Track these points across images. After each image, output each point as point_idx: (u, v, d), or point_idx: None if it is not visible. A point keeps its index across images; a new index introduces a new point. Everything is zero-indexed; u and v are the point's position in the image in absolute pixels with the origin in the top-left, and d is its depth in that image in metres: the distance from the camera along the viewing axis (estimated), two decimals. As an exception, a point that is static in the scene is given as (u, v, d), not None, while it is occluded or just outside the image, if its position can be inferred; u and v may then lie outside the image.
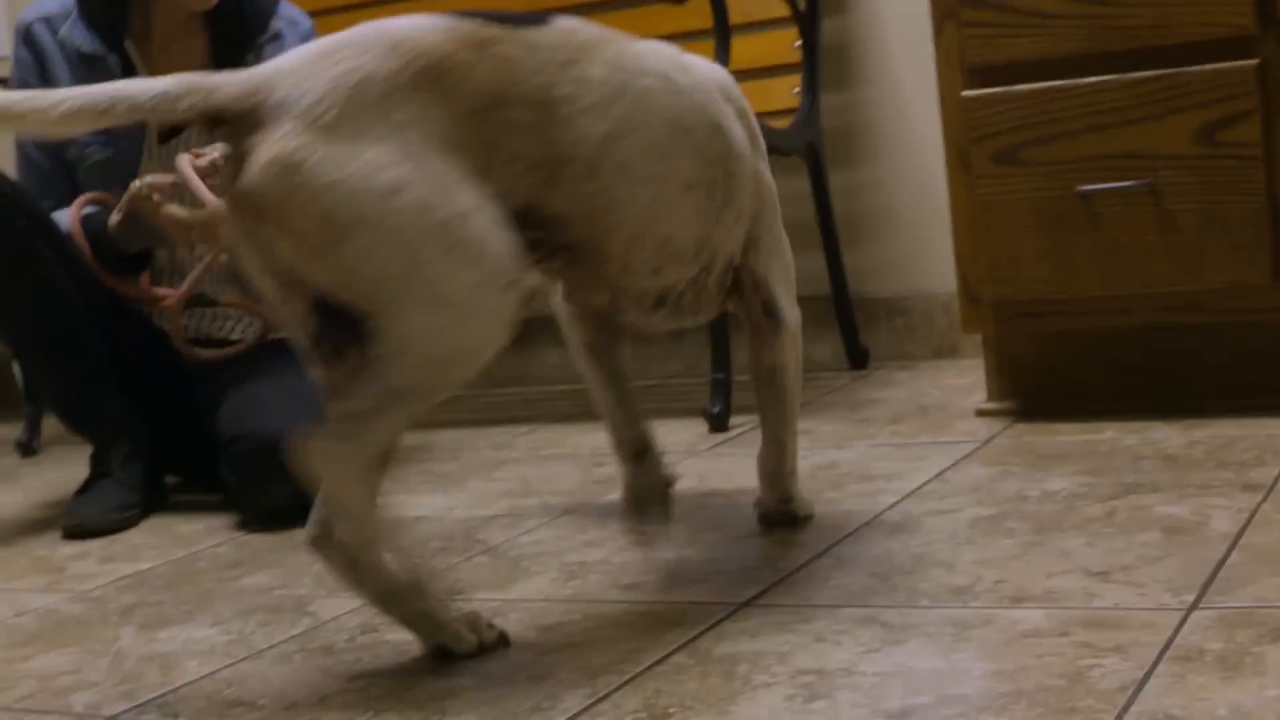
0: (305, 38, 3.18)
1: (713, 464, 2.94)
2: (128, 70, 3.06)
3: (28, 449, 4.09)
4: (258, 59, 3.12)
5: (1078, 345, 3.03)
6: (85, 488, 3.05)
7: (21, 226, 2.91)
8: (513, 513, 2.71)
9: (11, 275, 2.91)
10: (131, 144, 3.03)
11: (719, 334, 3.35)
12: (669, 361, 4.22)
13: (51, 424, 4.19)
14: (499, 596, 2.19)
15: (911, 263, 3.98)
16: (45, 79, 3.07)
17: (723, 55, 3.41)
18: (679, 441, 3.20)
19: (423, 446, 3.47)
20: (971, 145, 2.94)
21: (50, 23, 3.12)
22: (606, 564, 2.30)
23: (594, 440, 3.28)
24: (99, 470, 3.06)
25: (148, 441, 3.08)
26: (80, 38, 3.07)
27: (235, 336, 3.18)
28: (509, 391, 4.23)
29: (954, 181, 3.01)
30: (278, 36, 3.17)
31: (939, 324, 3.93)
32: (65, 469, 3.72)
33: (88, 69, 3.01)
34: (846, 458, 2.86)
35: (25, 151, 3.11)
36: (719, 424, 3.27)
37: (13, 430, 4.41)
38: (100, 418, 3.05)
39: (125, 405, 3.04)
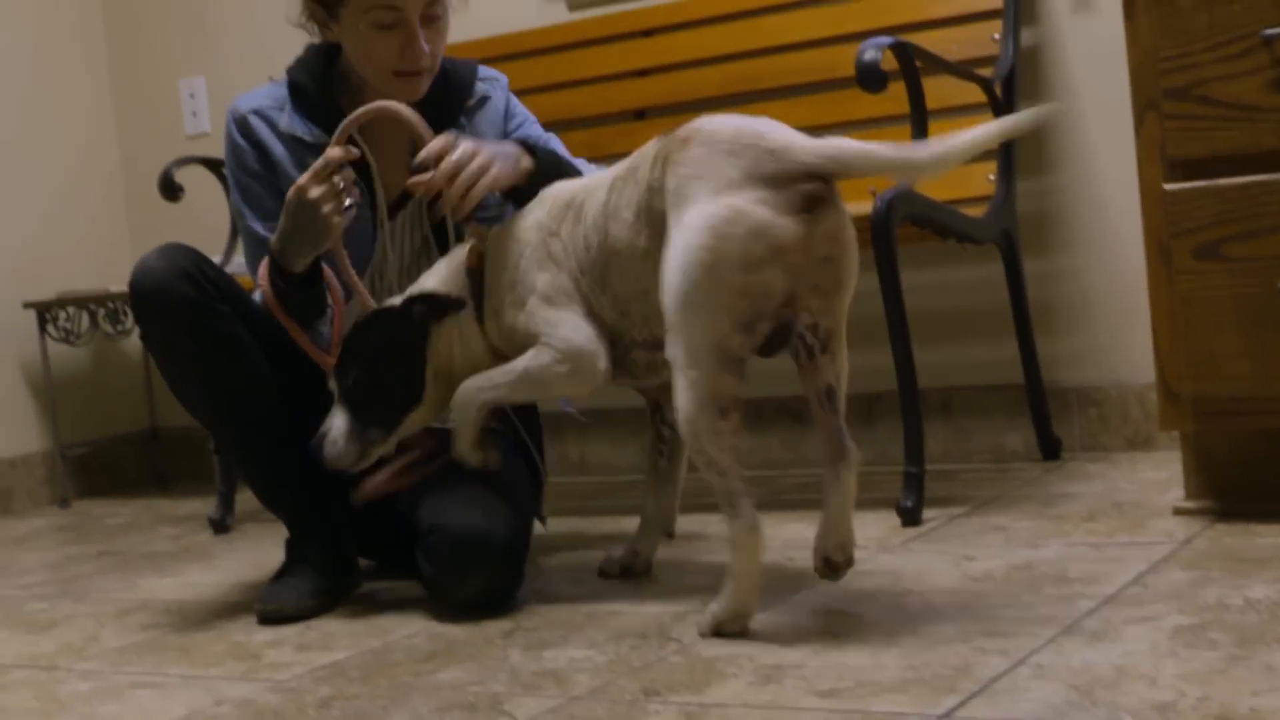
0: (504, 90, 3.28)
1: (906, 561, 2.91)
2: (364, 165, 3.12)
3: (221, 526, 4.16)
4: (470, 124, 3.17)
5: (1279, 444, 2.98)
6: (281, 572, 3.08)
7: (224, 313, 2.95)
8: (706, 608, 2.70)
9: (212, 360, 2.95)
10: (362, 216, 3.07)
11: (911, 424, 3.32)
12: (859, 448, 4.19)
13: (245, 500, 4.26)
14: (694, 700, 2.18)
15: (1106, 352, 3.93)
16: (268, 166, 3.12)
17: (919, 138, 3.38)
18: (870, 535, 3.17)
19: (615, 534, 3.47)
20: (1172, 239, 2.90)
21: (263, 114, 3.17)
22: (803, 667, 2.28)
23: (786, 532, 3.26)
24: (294, 555, 3.09)
25: (344, 526, 3.11)
26: (299, 128, 3.13)
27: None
28: (693, 477, 4.22)
29: (1154, 275, 2.97)
30: (485, 99, 3.23)
31: (1133, 415, 3.87)
32: (259, 548, 3.78)
33: (309, 155, 3.06)
34: (1042, 557, 2.82)
35: (247, 224, 3.15)
36: (912, 518, 3.24)
37: (206, 506, 4.48)
38: (297, 502, 3.09)
39: (322, 489, 3.07)
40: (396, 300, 2.84)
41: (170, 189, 4.32)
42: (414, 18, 3.00)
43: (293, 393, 3.03)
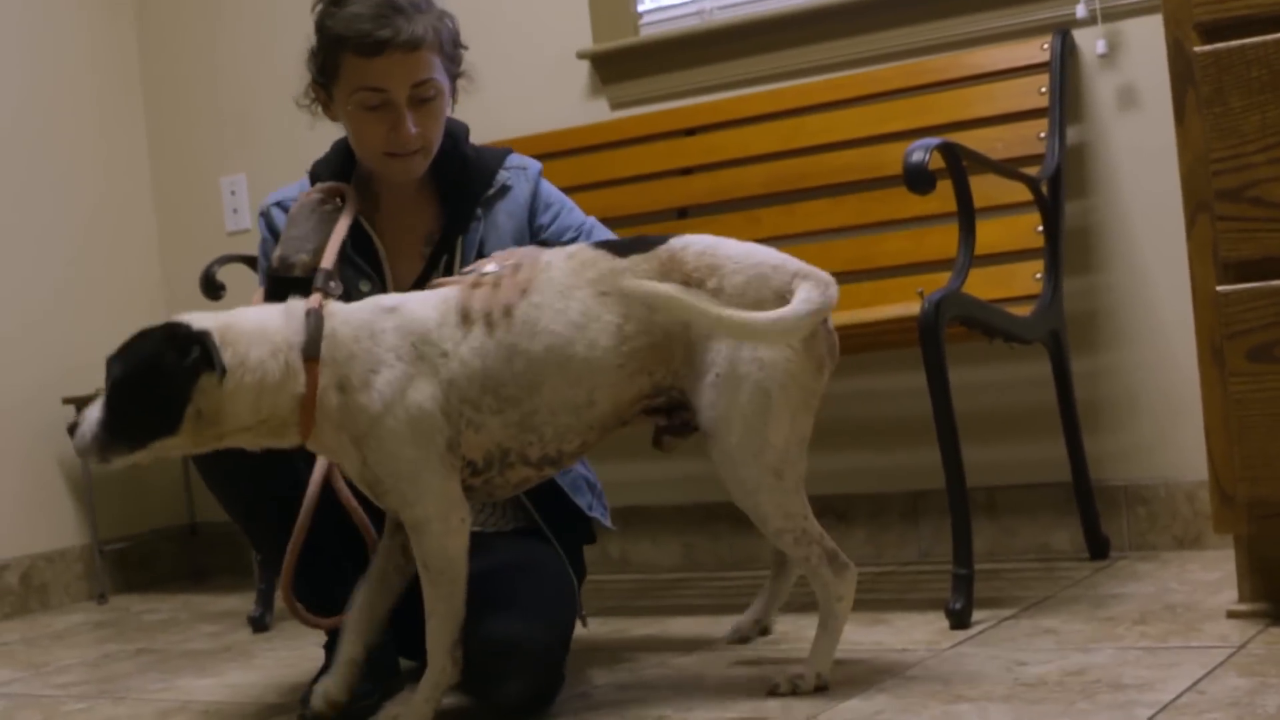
0: (534, 181, 3.23)
1: (957, 665, 2.87)
2: (361, 240, 3.11)
3: (260, 624, 4.12)
4: (486, 215, 3.16)
5: (1335, 546, 2.95)
6: (322, 674, 3.05)
7: None
8: (755, 715, 2.67)
9: (250, 462, 2.92)
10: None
11: (960, 524, 3.28)
12: (903, 546, 4.17)
13: (285, 598, 4.23)
14: (746, 812, 2.15)
15: (1154, 450, 3.90)
16: None
17: (967, 240, 3.37)
18: (918, 638, 3.13)
19: (658, 635, 3.44)
20: (1225, 341, 2.87)
21: (284, 205, 3.20)
22: (855, 778, 2.25)
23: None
24: (334, 657, 3.06)
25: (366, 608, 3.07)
26: None
27: (495, 527, 3.19)
28: (739, 575, 4.20)
29: (1206, 377, 2.94)
30: (505, 189, 3.20)
31: (1183, 513, 3.84)
32: (298, 647, 3.75)
33: None
34: (1095, 662, 2.78)
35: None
36: (961, 621, 3.20)
37: (245, 602, 4.46)
38: (335, 601, 3.05)
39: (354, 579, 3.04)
40: (194, 318, 2.67)
41: (212, 287, 4.31)
42: (400, 99, 3.00)
43: (330, 490, 3.01)
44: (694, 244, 2.78)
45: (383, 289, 3.09)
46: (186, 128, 5.38)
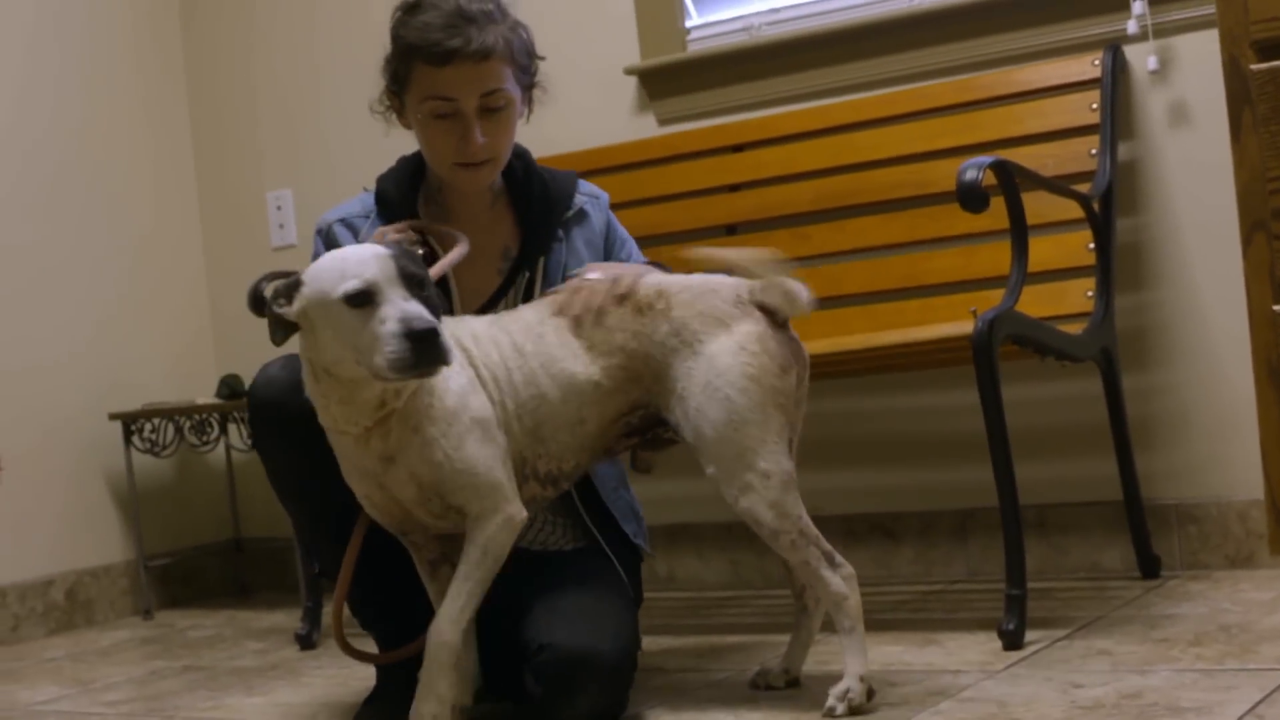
0: (606, 211, 3.27)
1: (1012, 688, 2.85)
2: (432, 258, 3.08)
3: (308, 642, 4.12)
4: (566, 237, 3.16)
5: (1393, 568, 2.92)
6: (374, 695, 3.05)
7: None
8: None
9: (319, 477, 2.87)
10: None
11: (1013, 544, 3.26)
12: (952, 564, 4.15)
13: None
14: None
15: (1205, 468, 3.87)
16: None
17: (1020, 259, 3.36)
18: (971, 659, 3.11)
19: (708, 653, 3.42)
20: (1282, 362, 2.85)
21: (348, 223, 3.18)
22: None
23: (883, 654, 3.22)
24: (387, 676, 3.05)
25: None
26: None
27: (556, 546, 3.18)
28: (787, 594, 4.18)
29: (1263, 398, 2.91)
30: (583, 214, 3.22)
31: (1235, 532, 3.81)
32: (347, 666, 3.73)
33: None
34: (1151, 685, 2.76)
35: None
36: (1014, 642, 3.18)
37: (290, 618, 4.46)
38: (391, 620, 3.04)
39: (415, 610, 3.02)
40: None
41: (259, 304, 4.28)
42: (469, 109, 3.00)
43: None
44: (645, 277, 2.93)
45: (449, 306, 3.08)
46: (232, 143, 5.39)
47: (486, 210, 3.17)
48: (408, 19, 3.04)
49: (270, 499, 3.14)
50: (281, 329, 2.66)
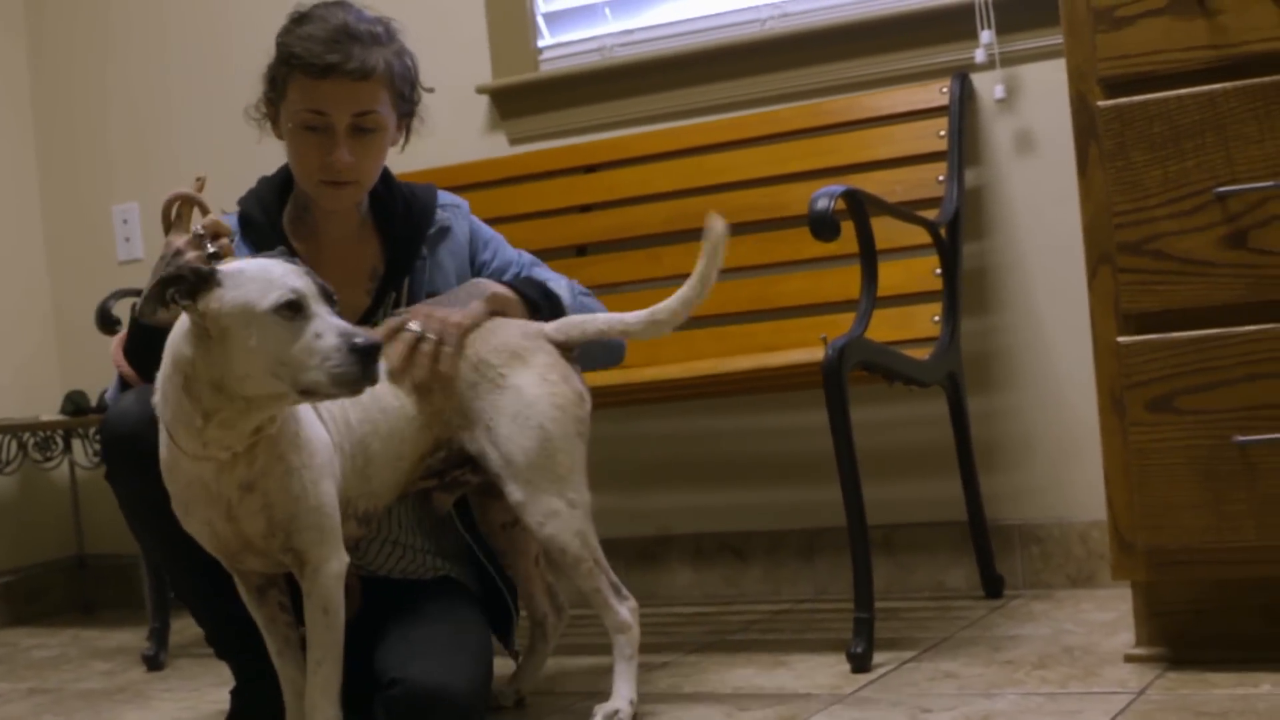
0: (468, 218, 3.26)
1: (862, 712, 2.89)
2: None
3: (155, 663, 4.07)
4: (432, 255, 3.16)
5: (1231, 592, 2.98)
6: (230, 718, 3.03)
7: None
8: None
9: (165, 506, 2.86)
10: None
11: (861, 568, 3.30)
12: (799, 583, 4.19)
13: (177, 634, 4.19)
14: None
15: (1048, 490, 3.94)
16: None
17: (869, 287, 3.40)
18: (820, 683, 3.15)
19: (558, 675, 3.44)
20: (1126, 391, 2.91)
21: None
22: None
23: (735, 678, 3.24)
24: (240, 704, 3.04)
25: (299, 675, 3.05)
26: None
27: (417, 575, 3.17)
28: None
29: (1107, 426, 2.98)
30: (447, 230, 3.20)
31: (1076, 552, 3.88)
32: (196, 688, 3.71)
33: None
34: (998, 709, 2.80)
35: None
36: (862, 665, 3.21)
37: (136, 637, 4.41)
38: (247, 652, 3.01)
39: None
40: None
41: (107, 322, 4.27)
42: (340, 125, 2.99)
43: None
44: None
45: None
46: (77, 154, 5.32)
47: (354, 231, 3.16)
48: (294, 29, 3.02)
49: (116, 516, 3.09)
50: (157, 307, 2.53)
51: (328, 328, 2.47)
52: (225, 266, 2.56)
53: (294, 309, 2.47)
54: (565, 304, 3.12)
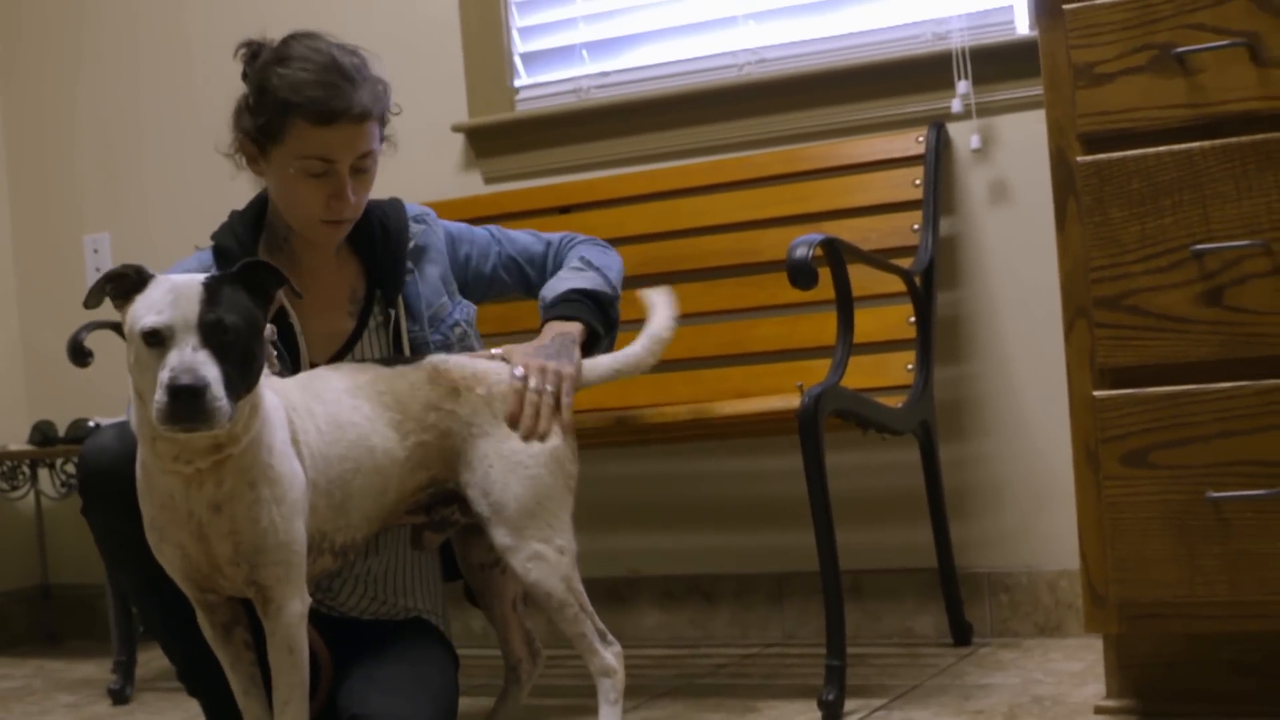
0: (439, 225, 3.27)
1: (835, 762, 2.90)
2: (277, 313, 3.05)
3: (120, 697, 4.06)
4: (419, 274, 3.16)
5: (1202, 646, 3.00)
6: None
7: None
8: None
9: (147, 547, 2.86)
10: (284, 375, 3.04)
11: (834, 615, 3.30)
12: (768, 627, 4.20)
13: (143, 666, 4.17)
14: None
15: (1018, 538, 3.96)
16: None
17: (845, 335, 3.42)
18: (793, 730, 3.16)
19: (537, 707, 3.44)
20: (1100, 445, 2.93)
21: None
22: None
23: (706, 724, 3.25)
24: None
25: (265, 714, 3.04)
26: None
27: (388, 615, 3.17)
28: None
29: (1081, 480, 2.99)
30: (424, 249, 3.21)
31: (1044, 601, 3.90)
32: (164, 723, 3.70)
33: None
34: (970, 761, 2.82)
35: None
36: (833, 713, 3.21)
37: (101, 669, 4.39)
38: (218, 691, 3.00)
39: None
40: None
41: (79, 354, 4.23)
42: (345, 169, 2.99)
43: None
44: (450, 360, 2.99)
45: (294, 360, 3.07)
46: (48, 183, 5.31)
47: (332, 257, 3.16)
48: (280, 70, 2.99)
49: (81, 546, 3.08)
50: (100, 300, 2.54)
51: (170, 361, 2.42)
52: (162, 275, 2.56)
53: (156, 337, 2.44)
54: (608, 298, 3.21)
